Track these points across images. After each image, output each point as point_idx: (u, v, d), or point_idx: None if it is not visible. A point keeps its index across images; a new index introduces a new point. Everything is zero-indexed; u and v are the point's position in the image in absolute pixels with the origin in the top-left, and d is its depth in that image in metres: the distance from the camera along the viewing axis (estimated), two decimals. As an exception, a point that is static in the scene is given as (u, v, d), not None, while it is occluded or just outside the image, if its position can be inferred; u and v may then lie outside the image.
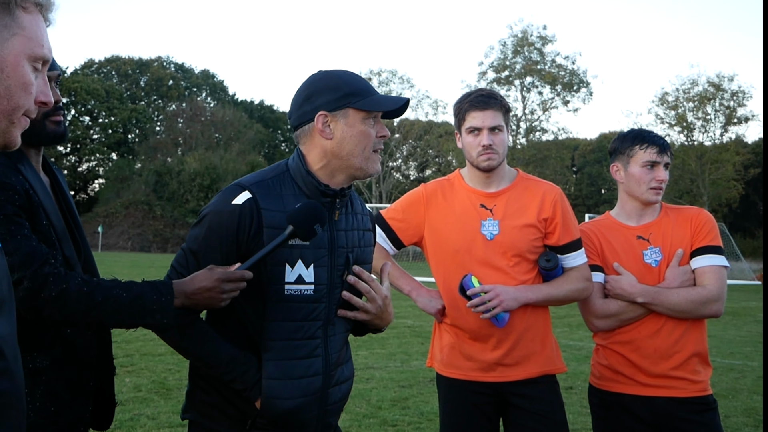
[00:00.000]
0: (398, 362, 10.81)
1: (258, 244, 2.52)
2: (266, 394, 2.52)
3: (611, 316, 3.65)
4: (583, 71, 52.91)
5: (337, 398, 2.71)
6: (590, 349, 12.32)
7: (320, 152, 2.64)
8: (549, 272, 3.63)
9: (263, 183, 2.61)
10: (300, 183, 2.64)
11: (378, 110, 2.63)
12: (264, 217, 2.53)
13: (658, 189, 3.68)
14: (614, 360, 3.70)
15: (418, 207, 3.77)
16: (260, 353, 2.56)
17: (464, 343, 3.65)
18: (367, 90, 2.65)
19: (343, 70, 2.70)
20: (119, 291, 2.35)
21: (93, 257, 2.66)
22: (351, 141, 2.61)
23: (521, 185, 3.72)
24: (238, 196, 2.55)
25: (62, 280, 2.29)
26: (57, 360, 2.43)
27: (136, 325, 2.43)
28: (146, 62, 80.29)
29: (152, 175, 64.44)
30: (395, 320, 15.54)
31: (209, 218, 2.57)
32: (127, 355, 10.49)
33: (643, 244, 3.69)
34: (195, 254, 2.56)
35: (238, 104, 79.82)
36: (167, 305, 2.39)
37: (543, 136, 54.91)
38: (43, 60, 1.65)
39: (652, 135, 3.77)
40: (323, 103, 2.60)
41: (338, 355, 2.71)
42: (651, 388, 3.61)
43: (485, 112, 3.61)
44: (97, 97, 70.52)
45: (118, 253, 52.31)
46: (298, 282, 2.56)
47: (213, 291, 2.42)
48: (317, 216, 2.48)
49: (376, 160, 2.68)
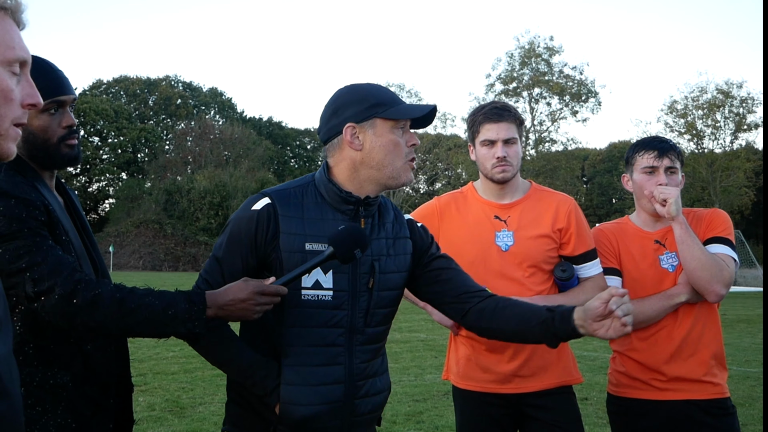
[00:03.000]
0: (412, 376, 10.79)
1: (275, 248, 2.55)
2: (284, 400, 2.54)
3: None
4: (591, 81, 52.88)
5: (366, 410, 2.68)
6: (605, 359, 12.32)
7: (349, 163, 2.66)
8: (564, 282, 3.62)
9: (285, 191, 2.65)
10: (323, 191, 2.67)
11: (405, 118, 2.64)
12: (281, 223, 2.56)
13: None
14: (631, 366, 3.67)
15: (432, 220, 3.76)
16: (279, 359, 2.58)
17: (480, 355, 3.64)
18: (393, 100, 2.67)
19: (368, 83, 2.74)
20: (152, 299, 2.35)
21: (109, 276, 2.67)
22: (380, 151, 2.63)
23: (535, 196, 3.72)
24: (257, 202, 2.61)
25: (95, 286, 2.30)
26: (78, 376, 2.44)
27: (167, 334, 2.43)
28: (154, 81, 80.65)
29: (162, 194, 64.60)
30: (408, 334, 15.53)
31: (231, 225, 2.63)
32: (140, 374, 10.48)
33: (659, 249, 3.67)
34: (219, 261, 2.60)
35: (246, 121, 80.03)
36: (199, 315, 2.39)
37: (552, 146, 54.87)
38: (18, 61, 1.59)
39: (653, 140, 3.70)
40: (350, 115, 2.63)
41: (367, 366, 2.68)
42: (668, 392, 3.59)
43: (499, 125, 3.61)
44: (106, 118, 70.83)
45: (129, 272, 52.39)
46: (315, 288, 2.57)
47: (246, 303, 2.43)
48: (359, 240, 2.49)
49: (408, 168, 2.69)
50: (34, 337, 2.36)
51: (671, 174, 3.62)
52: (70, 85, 2.59)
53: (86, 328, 2.34)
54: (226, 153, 71.12)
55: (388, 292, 2.71)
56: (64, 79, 2.57)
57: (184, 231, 62.96)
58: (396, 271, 2.74)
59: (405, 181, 2.70)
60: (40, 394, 2.34)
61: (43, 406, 2.35)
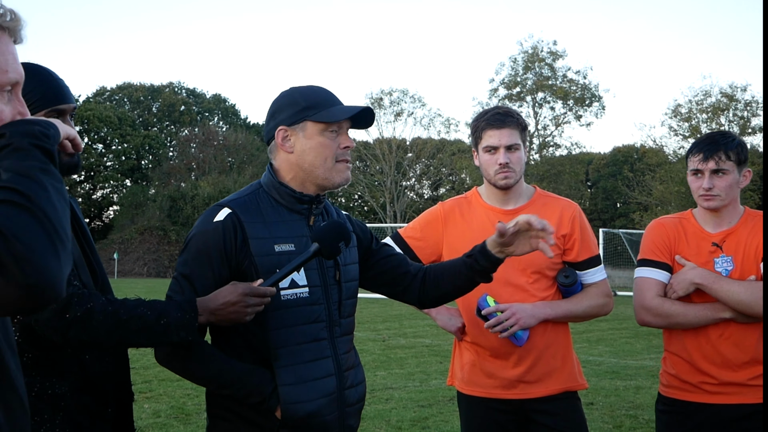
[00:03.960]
0: (417, 382, 10.78)
1: (246, 255, 2.59)
2: (285, 401, 2.56)
3: (662, 316, 3.58)
4: (594, 85, 52.71)
5: (354, 400, 2.77)
6: (611, 364, 12.32)
7: (287, 165, 2.74)
8: (568, 288, 3.63)
9: (240, 200, 2.71)
10: (275, 195, 2.73)
11: (332, 120, 2.69)
12: (247, 229, 2.61)
13: (706, 197, 3.57)
14: (681, 368, 3.64)
15: (436, 225, 3.77)
16: (270, 364, 2.60)
17: (485, 360, 3.64)
18: (327, 102, 2.72)
19: (309, 85, 2.80)
20: (144, 309, 2.37)
21: (109, 283, 2.67)
22: (311, 153, 2.70)
23: (539, 202, 3.72)
24: (218, 214, 2.64)
25: (87, 300, 2.31)
26: (76, 386, 2.44)
27: (161, 343, 2.46)
28: (158, 88, 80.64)
29: (166, 201, 64.55)
30: (413, 339, 15.52)
31: (194, 240, 2.63)
32: (145, 381, 10.49)
33: (716, 251, 3.61)
34: (187, 278, 2.60)
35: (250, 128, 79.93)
36: (191, 323, 2.41)
37: (556, 151, 54.78)
38: (9, 84, 1.60)
39: (705, 139, 3.65)
40: (283, 118, 2.71)
41: (347, 356, 2.77)
42: (718, 396, 3.55)
43: (502, 131, 3.61)
44: (110, 125, 70.81)
45: (134, 279, 52.41)
46: (292, 287, 2.63)
47: (238, 305, 2.45)
48: (341, 234, 2.57)
49: (341, 170, 2.74)
50: (31, 346, 2.36)
51: (722, 175, 3.56)
52: (71, 94, 2.58)
53: (79, 342, 2.35)
54: (230, 159, 71.13)
55: (351, 282, 2.85)
56: (65, 87, 2.56)
57: (189, 238, 62.89)
58: (352, 262, 2.86)
59: (339, 182, 2.75)
60: (38, 404, 2.33)
61: (42, 416, 2.34)
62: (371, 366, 12.02)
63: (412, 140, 63.06)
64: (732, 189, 3.59)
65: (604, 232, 32.28)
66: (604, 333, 17.01)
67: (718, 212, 3.64)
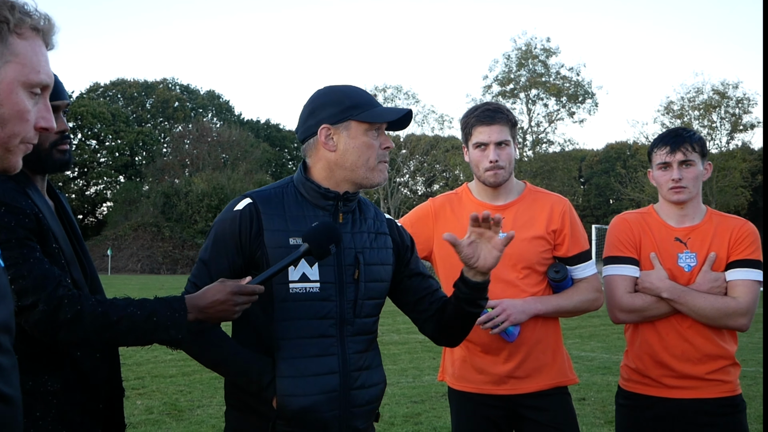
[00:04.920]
0: (410, 378, 10.79)
1: (260, 245, 2.62)
2: (280, 392, 2.58)
3: (635, 311, 3.61)
4: (587, 82, 52.77)
5: (362, 401, 2.72)
6: (603, 360, 12.33)
7: (325, 164, 2.73)
8: (558, 284, 3.63)
9: (266, 191, 2.74)
10: (302, 190, 2.74)
11: (379, 121, 2.70)
12: (264, 220, 2.64)
13: (675, 189, 3.61)
14: (641, 362, 3.67)
15: (426, 221, 3.77)
16: (273, 354, 2.61)
17: (476, 356, 3.64)
18: (369, 103, 2.72)
19: (347, 84, 2.79)
20: (133, 309, 2.37)
21: (99, 280, 2.67)
22: (354, 152, 2.69)
23: (529, 197, 3.72)
24: (239, 203, 2.68)
25: (77, 302, 2.30)
26: (68, 382, 2.43)
27: (151, 342, 2.47)
28: (152, 84, 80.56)
29: (160, 197, 64.49)
30: (406, 335, 15.52)
31: (215, 228, 2.70)
32: (138, 378, 10.48)
33: (679, 246, 3.65)
34: (205, 264, 2.66)
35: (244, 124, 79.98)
36: (181, 321, 2.41)
37: (550, 148, 54.84)
38: (40, 86, 1.63)
39: (668, 134, 3.70)
40: (326, 116, 2.69)
41: (360, 357, 2.73)
42: (678, 390, 3.58)
43: (491, 128, 3.60)
44: (104, 121, 70.68)
45: (127, 275, 52.33)
46: (303, 280, 2.63)
47: (226, 304, 2.46)
48: (332, 236, 2.55)
49: (381, 170, 2.75)
50: (23, 344, 2.35)
51: (689, 167, 3.61)
52: (64, 90, 2.58)
53: (69, 343, 2.36)
54: (224, 156, 71.10)
55: (375, 283, 2.77)
56: (58, 83, 2.54)
57: (182, 234, 62.88)
58: (380, 263, 2.80)
59: (378, 182, 2.76)
60: (31, 402, 2.32)
61: (34, 413, 2.33)
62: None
63: (406, 137, 63.01)
64: (698, 181, 3.64)
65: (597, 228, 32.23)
66: (596, 329, 17.04)
67: (682, 207, 3.68)
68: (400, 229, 2.98)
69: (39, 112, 1.65)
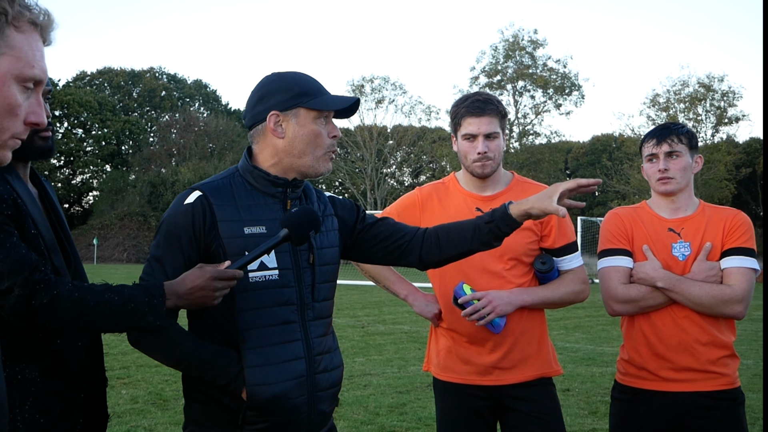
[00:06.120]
0: (395, 368, 10.79)
1: (215, 237, 2.60)
2: (250, 382, 2.56)
3: (631, 302, 3.59)
4: (574, 74, 52.77)
5: (326, 385, 2.74)
6: (588, 351, 12.38)
7: (272, 151, 2.72)
8: (545, 275, 3.62)
9: (212, 183, 2.72)
10: (249, 179, 2.74)
11: (328, 109, 2.71)
12: (216, 211, 2.62)
13: (662, 180, 3.63)
14: (637, 355, 3.66)
15: (413, 210, 3.75)
16: (238, 346, 2.59)
17: (461, 346, 3.63)
18: (319, 90, 2.72)
19: (296, 71, 2.79)
20: (111, 295, 2.35)
21: (83, 268, 2.65)
22: (302, 140, 2.69)
23: (517, 188, 3.71)
24: (189, 197, 2.65)
25: (53, 287, 2.28)
26: (46, 371, 2.41)
27: (128, 328, 2.45)
28: (138, 73, 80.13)
29: (146, 186, 64.24)
30: (392, 326, 15.54)
31: (165, 224, 2.66)
32: (123, 367, 10.44)
33: (673, 236, 3.65)
34: (158, 260, 2.61)
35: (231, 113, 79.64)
36: (159, 307, 2.40)
37: (536, 139, 54.91)
38: (33, 80, 1.60)
39: (656, 128, 3.74)
40: (275, 103, 2.69)
41: (321, 341, 2.75)
42: (676, 383, 3.56)
43: (481, 119, 3.58)
44: (90, 110, 70.28)
45: (113, 265, 52.17)
46: (261, 269, 2.62)
47: (205, 290, 2.44)
48: (312, 222, 2.56)
49: (327, 160, 2.75)
50: (0, 331, 2.33)
51: (675, 158, 3.63)
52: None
53: (46, 329, 2.34)
54: (211, 145, 70.85)
55: (327, 266, 2.80)
56: None
57: (169, 223, 62.64)
58: (329, 246, 2.83)
59: (323, 172, 2.76)
60: (8, 390, 2.30)
61: (11, 401, 2.30)
62: (350, 352, 12.02)
63: (393, 127, 63.02)
64: (686, 172, 3.65)
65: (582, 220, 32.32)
66: (581, 320, 17.11)
67: (673, 198, 3.68)
68: (342, 201, 2.99)
69: (30, 107, 1.62)
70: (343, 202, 2.99)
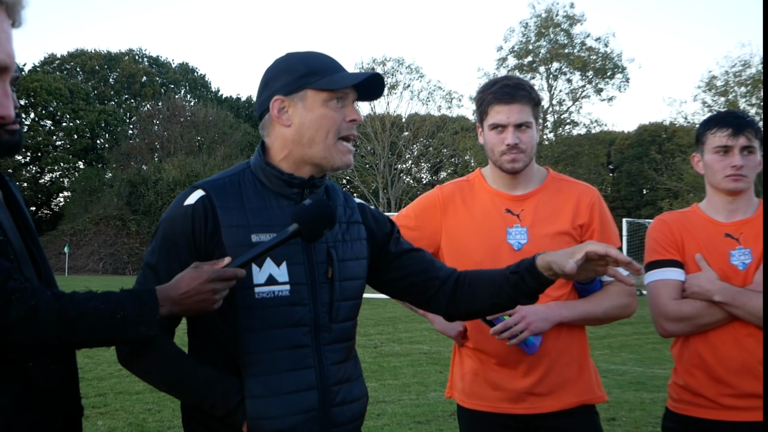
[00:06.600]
0: (413, 395, 10.80)
1: (217, 244, 2.56)
2: (252, 415, 2.53)
3: (685, 320, 3.57)
4: (617, 54, 52.89)
5: (344, 419, 2.69)
6: (636, 373, 12.33)
7: (281, 142, 2.69)
8: (585, 286, 3.61)
9: (219, 181, 2.68)
10: (261, 177, 2.70)
11: (336, 88, 2.64)
12: (220, 215, 2.58)
13: (735, 176, 3.59)
14: (692, 379, 3.63)
15: (433, 212, 3.75)
16: (240, 371, 2.56)
17: (489, 369, 3.63)
18: (331, 68, 2.67)
19: (309, 51, 2.74)
20: (96, 303, 2.32)
21: (54, 278, 2.63)
22: (311, 126, 2.64)
23: (553, 187, 3.71)
24: (190, 197, 2.62)
25: (30, 297, 2.25)
26: (18, 398, 2.40)
27: (118, 341, 2.42)
28: (115, 56, 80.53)
29: (125, 186, 64.50)
30: (408, 346, 15.53)
31: (162, 227, 2.63)
32: (99, 394, 10.47)
33: (731, 243, 3.61)
34: (153, 269, 2.60)
35: (222, 102, 79.98)
36: (152, 316, 2.37)
37: (573, 130, 54.97)
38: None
39: (727, 115, 3.70)
40: (279, 87, 2.66)
41: (339, 368, 2.70)
42: (737, 412, 3.53)
43: (511, 107, 3.58)
44: (60, 98, 70.65)
45: (87, 276, 52.32)
46: (270, 283, 2.58)
47: (203, 293, 2.41)
48: (327, 217, 2.53)
49: (343, 150, 2.70)
50: None
51: (748, 154, 3.61)
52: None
53: (23, 345, 2.30)
54: (199, 138, 71.09)
55: (350, 282, 2.74)
56: None
57: (151, 228, 62.89)
58: (354, 258, 2.78)
59: (339, 164, 2.70)
60: None
61: None
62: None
63: (409, 117, 63.10)
64: (755, 171, 3.63)
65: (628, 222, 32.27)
66: (628, 338, 17.07)
67: (735, 198, 3.66)
68: (374, 212, 2.95)
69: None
70: (374, 212, 2.95)
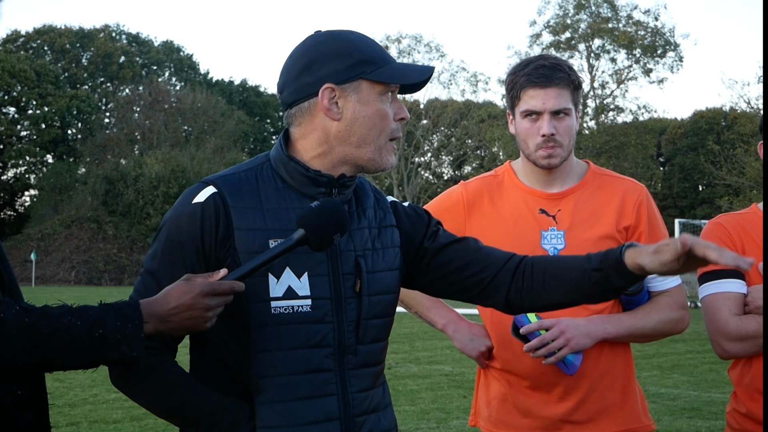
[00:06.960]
0: (433, 422, 10.82)
1: (229, 250, 2.53)
2: None
3: (749, 339, 3.51)
4: (669, 29, 52.83)
5: None
6: (689, 399, 12.33)
7: (321, 136, 2.63)
8: (631, 298, 3.61)
9: (233, 176, 2.63)
10: (283, 173, 2.65)
11: (399, 82, 2.63)
12: (233, 217, 2.53)
13: None
14: (755, 406, 3.59)
15: (456, 213, 3.75)
16: (251, 397, 2.54)
17: (520, 393, 3.63)
18: (383, 57, 2.64)
19: (352, 31, 2.70)
20: (71, 319, 2.30)
21: (20, 290, 2.62)
22: (364, 124, 2.60)
23: (593, 183, 3.70)
24: (199, 194, 2.57)
25: None
26: None
27: (96, 362, 2.38)
28: (89, 33, 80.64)
29: (101, 183, 64.64)
30: (427, 366, 15.54)
31: (167, 227, 2.59)
32: (71, 423, 10.50)
33: None
34: (154, 275, 2.56)
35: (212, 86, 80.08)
36: (135, 333, 2.34)
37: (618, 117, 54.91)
38: None
39: None
40: (330, 72, 2.58)
41: (366, 396, 2.67)
42: None
43: (547, 91, 3.56)
44: (26, 81, 70.76)
45: (58, 287, 52.49)
46: (289, 297, 2.54)
47: (194, 309, 2.38)
48: (339, 221, 2.49)
49: (391, 150, 2.68)
50: None
51: None
52: None
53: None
54: (186, 128, 71.28)
55: (381, 296, 2.70)
56: None
57: (131, 232, 63.12)
58: (386, 269, 2.73)
59: (386, 167, 2.68)
60: None
61: None
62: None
63: (428, 102, 63.06)
64: None
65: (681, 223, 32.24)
66: (681, 357, 17.04)
67: None
68: (408, 210, 2.89)
69: None
70: (409, 210, 2.89)
